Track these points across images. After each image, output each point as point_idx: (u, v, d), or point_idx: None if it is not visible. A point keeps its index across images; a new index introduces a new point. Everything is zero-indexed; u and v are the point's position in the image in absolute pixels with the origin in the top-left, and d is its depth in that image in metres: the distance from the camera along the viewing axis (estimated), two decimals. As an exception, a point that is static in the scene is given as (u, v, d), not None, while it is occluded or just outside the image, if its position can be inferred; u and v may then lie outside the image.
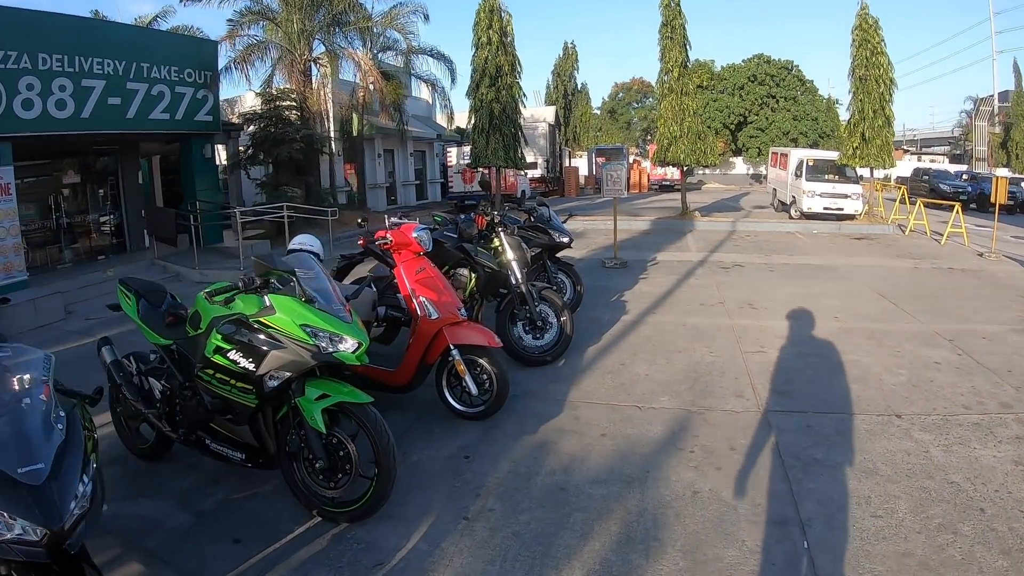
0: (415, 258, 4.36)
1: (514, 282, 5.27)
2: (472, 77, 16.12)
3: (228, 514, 3.39)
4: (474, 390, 4.25)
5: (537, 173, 25.21)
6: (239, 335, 3.23)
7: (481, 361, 4.26)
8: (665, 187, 29.28)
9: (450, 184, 21.18)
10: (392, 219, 4.73)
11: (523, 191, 21.64)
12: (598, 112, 45.84)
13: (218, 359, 3.28)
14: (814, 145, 38.70)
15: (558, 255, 6.85)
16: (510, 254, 5.28)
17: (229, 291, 3.27)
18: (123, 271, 11.12)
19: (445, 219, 6.31)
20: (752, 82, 44.95)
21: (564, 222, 7.30)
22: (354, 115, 18.22)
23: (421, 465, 3.83)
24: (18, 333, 8.23)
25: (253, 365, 3.19)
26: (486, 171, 16.62)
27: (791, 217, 16.59)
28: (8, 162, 9.29)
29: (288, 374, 3.16)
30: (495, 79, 15.53)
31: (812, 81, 45.44)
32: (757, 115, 45.11)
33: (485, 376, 4.28)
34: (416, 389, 4.45)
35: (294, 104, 15.75)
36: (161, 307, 4.06)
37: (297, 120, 15.52)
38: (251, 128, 15.13)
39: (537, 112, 27.95)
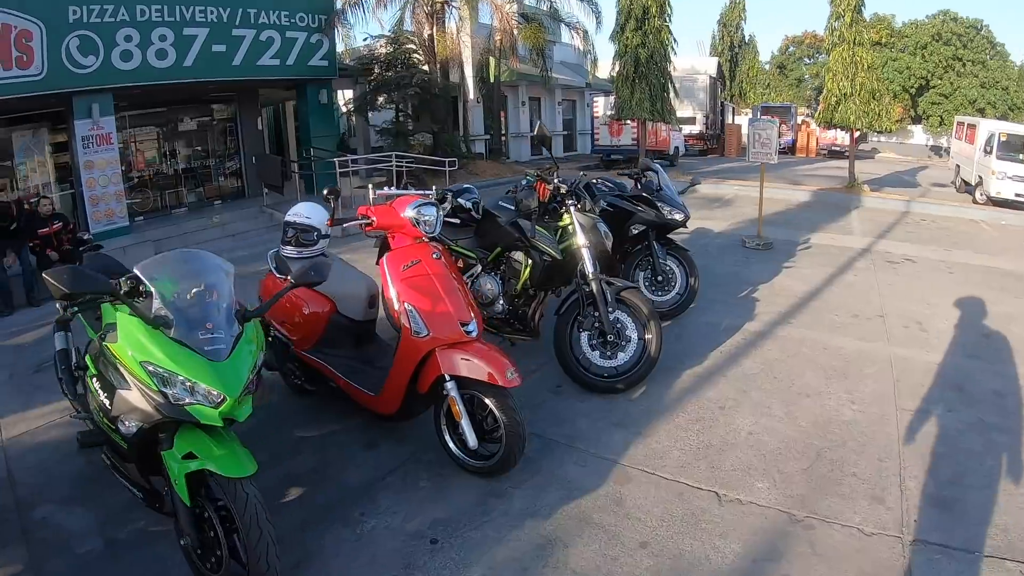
0: (413, 246, 3.12)
1: (583, 277, 3.87)
2: (616, 19, 14.48)
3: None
4: (471, 441, 2.97)
5: (695, 129, 22.84)
6: (101, 360, 2.29)
7: (487, 401, 2.96)
8: (835, 153, 25.24)
9: (596, 136, 19.51)
10: (382, 191, 3.51)
11: (676, 147, 19.48)
12: (766, 67, 41.14)
13: (89, 382, 2.41)
14: (1003, 118, 31.76)
15: (670, 235, 5.29)
16: (581, 238, 3.85)
17: (97, 292, 2.28)
18: (231, 218, 11.27)
19: (523, 185, 4.86)
20: (936, 41, 38.39)
21: (686, 191, 5.66)
22: (491, 60, 17.15)
23: (369, 539, 2.72)
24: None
25: (108, 402, 2.23)
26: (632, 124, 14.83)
27: (976, 201, 13.07)
28: (109, 112, 9.43)
29: (139, 424, 2.17)
30: (641, 21, 13.75)
31: (1003, 45, 38.22)
32: (940, 79, 38.37)
33: (493, 421, 3.02)
34: (418, 416, 3.36)
35: (417, 47, 14.93)
36: None
37: (421, 64, 14.72)
38: (376, 71, 14.52)
39: (698, 63, 25.09)
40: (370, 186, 3.22)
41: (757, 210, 8.33)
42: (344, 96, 17.02)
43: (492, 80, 17.80)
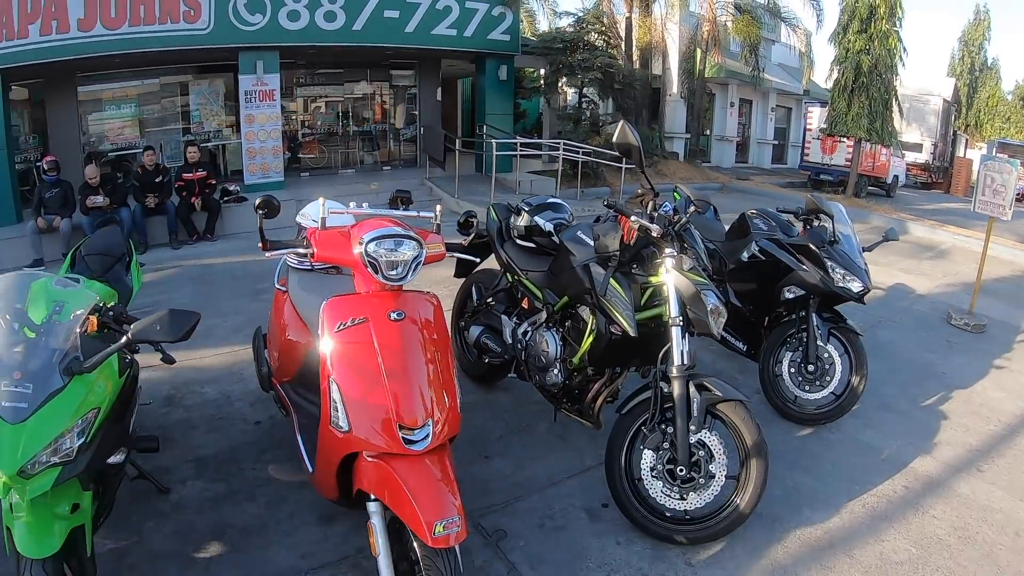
0: (366, 297, 2.07)
1: (663, 369, 2.51)
2: (839, 18, 12.51)
3: None
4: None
5: (920, 158, 19.40)
6: None
7: (416, 548, 1.84)
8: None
9: (806, 151, 16.96)
10: (329, 205, 2.38)
11: (895, 176, 16.29)
12: (1009, 97, 33.56)
13: None
14: None
15: (838, 306, 3.73)
16: (674, 308, 2.47)
17: None
18: (391, 186, 11.02)
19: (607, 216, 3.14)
20: None
21: (873, 248, 4.00)
22: (697, 52, 15.47)
23: None
24: (238, 232, 8.46)
25: None
26: (848, 142, 12.67)
27: None
28: (274, 70, 9.58)
29: None
30: (867, 23, 11.81)
31: None
32: None
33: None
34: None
35: (605, 29, 13.76)
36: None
37: (608, 48, 13.54)
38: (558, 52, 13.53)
39: (931, 83, 21.18)
40: (320, 200, 2.18)
41: (976, 272, 6.02)
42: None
43: (696, 75, 16.06)
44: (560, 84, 13.60)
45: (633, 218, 2.53)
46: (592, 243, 2.79)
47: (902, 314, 5.87)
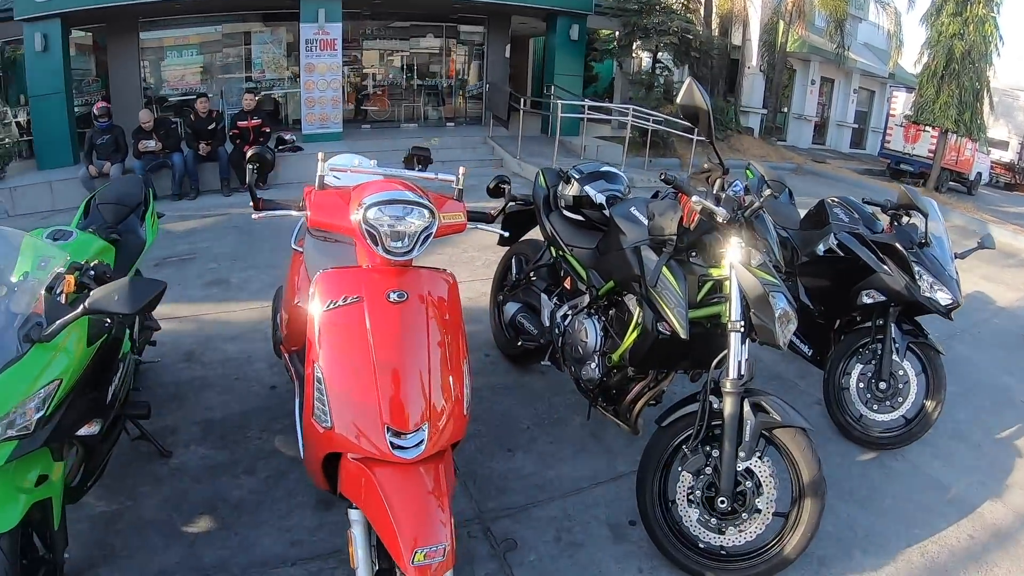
0: (364, 271, 1.77)
1: (716, 380, 2.10)
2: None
3: None
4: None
5: (1006, 156, 18.03)
6: None
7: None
8: None
9: (887, 138, 15.66)
10: (330, 163, 2.04)
11: (979, 173, 15.00)
12: None
13: None
14: None
15: (919, 317, 3.22)
16: (736, 311, 2.06)
17: None
18: (452, 143, 10.83)
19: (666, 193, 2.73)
20: None
21: (966, 256, 3.43)
22: (780, 24, 14.37)
23: None
24: (291, 181, 8.32)
25: None
26: (933, 132, 11.78)
27: None
28: (336, 19, 9.35)
29: None
30: (962, 6, 11.15)
31: None
32: None
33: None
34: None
35: None
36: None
37: (685, 11, 12.71)
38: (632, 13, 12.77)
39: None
40: (320, 154, 1.87)
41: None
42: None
43: (778, 49, 14.93)
44: (634, 47, 12.84)
45: (695, 198, 2.11)
46: (646, 222, 2.39)
47: (979, 327, 5.14)
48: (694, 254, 2.25)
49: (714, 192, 2.17)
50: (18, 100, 9.88)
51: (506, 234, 2.48)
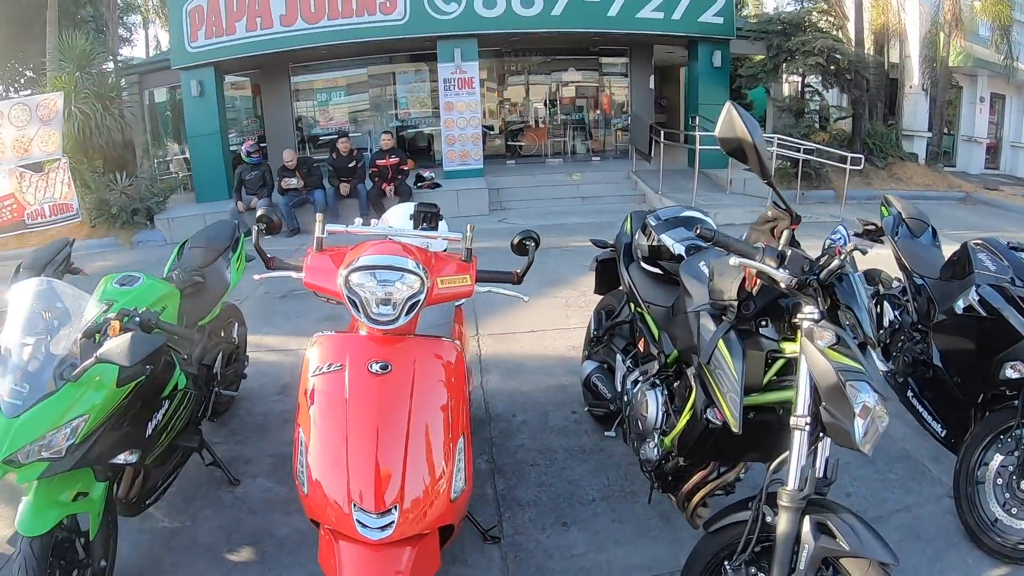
0: (350, 337, 1.73)
1: (773, 484, 1.66)
2: None
3: None
4: None
5: None
6: None
7: None
8: None
9: None
10: (339, 227, 1.93)
11: None
12: None
13: None
14: None
15: None
16: (802, 403, 1.62)
17: None
18: (594, 178, 10.76)
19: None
20: None
21: None
22: (940, 36, 12.59)
23: None
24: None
25: None
26: None
27: None
28: (472, 58, 9.65)
29: None
30: None
31: None
32: None
33: None
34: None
35: (827, 7, 11.79)
36: None
37: (832, 29, 11.63)
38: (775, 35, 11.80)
39: None
40: (318, 215, 1.83)
41: None
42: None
43: (938, 64, 13.03)
44: (780, 71, 11.87)
45: (739, 260, 1.75)
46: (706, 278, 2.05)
47: None
48: (765, 323, 1.87)
49: (779, 248, 1.77)
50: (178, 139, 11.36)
51: (525, 299, 2.24)
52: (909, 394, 3.13)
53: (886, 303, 3.56)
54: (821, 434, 1.66)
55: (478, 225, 2.23)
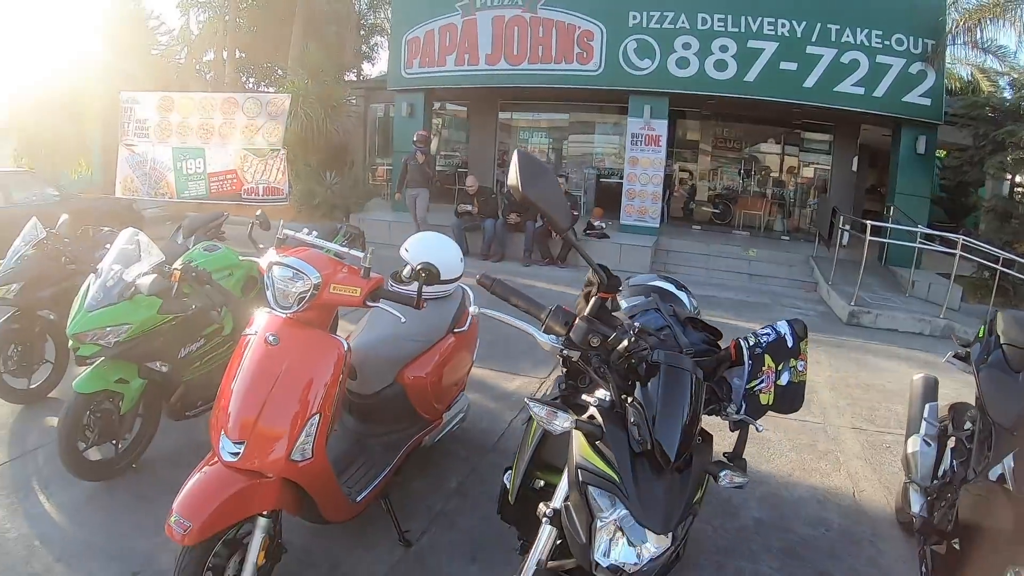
0: (271, 315, 2.23)
1: None
2: None
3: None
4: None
5: None
6: None
7: None
8: None
9: None
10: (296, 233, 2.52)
11: None
12: None
13: None
14: None
15: None
16: (560, 493, 1.69)
17: None
18: (770, 256, 10.08)
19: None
20: None
21: None
22: None
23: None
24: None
25: None
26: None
27: None
28: (662, 116, 9.86)
29: None
30: None
31: None
32: None
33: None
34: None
35: None
36: None
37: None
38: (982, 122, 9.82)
39: None
40: (281, 220, 2.61)
41: None
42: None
43: None
44: (984, 165, 9.82)
45: (515, 321, 1.85)
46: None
47: None
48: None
49: (586, 314, 1.73)
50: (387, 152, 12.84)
51: (403, 319, 2.29)
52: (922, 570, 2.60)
53: (949, 449, 2.99)
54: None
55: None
